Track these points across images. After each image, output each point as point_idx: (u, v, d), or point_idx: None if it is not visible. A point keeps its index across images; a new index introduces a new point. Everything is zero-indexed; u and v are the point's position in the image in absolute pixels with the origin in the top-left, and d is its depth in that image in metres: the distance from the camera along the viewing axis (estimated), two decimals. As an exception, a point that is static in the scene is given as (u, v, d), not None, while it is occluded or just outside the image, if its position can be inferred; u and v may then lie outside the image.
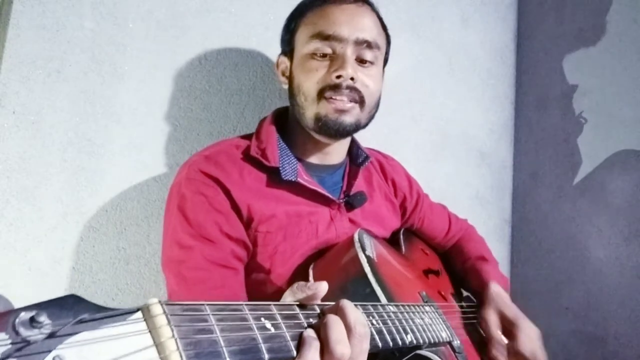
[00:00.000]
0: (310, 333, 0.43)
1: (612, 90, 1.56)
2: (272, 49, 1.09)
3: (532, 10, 1.83)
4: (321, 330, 0.44)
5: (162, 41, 0.96)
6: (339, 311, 0.46)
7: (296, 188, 0.82)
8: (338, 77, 0.79)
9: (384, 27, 0.89)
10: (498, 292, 0.91)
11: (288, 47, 0.87)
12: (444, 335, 0.69)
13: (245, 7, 1.07)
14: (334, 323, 0.44)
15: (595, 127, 1.59)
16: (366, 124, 0.86)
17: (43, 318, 0.26)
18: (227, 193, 0.76)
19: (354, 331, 0.45)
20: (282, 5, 1.11)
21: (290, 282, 0.78)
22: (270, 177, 0.81)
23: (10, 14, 0.79)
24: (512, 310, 0.87)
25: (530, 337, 0.84)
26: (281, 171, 0.80)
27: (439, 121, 1.52)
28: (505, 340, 0.86)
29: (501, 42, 1.78)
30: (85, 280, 0.86)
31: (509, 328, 0.86)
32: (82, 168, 0.86)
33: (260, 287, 0.80)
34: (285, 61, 0.88)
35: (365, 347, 0.46)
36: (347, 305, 0.47)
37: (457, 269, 1.07)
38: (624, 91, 1.53)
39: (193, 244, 0.73)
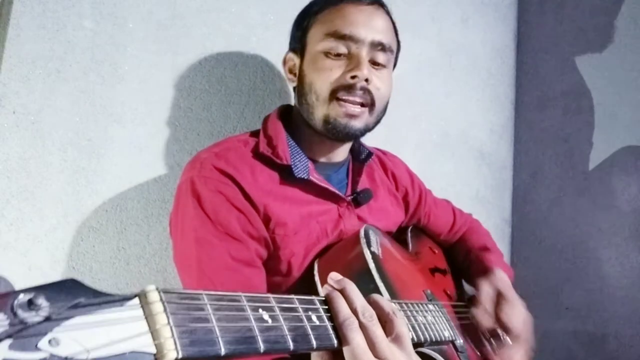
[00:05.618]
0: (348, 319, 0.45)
1: (612, 90, 1.56)
2: (272, 49, 1.09)
3: (532, 10, 1.83)
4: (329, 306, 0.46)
5: (162, 41, 0.96)
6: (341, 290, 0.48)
7: (307, 186, 0.81)
8: (353, 77, 0.78)
9: (396, 32, 0.88)
10: (502, 276, 0.89)
11: (299, 44, 0.85)
12: (447, 334, 0.69)
13: (245, 7, 1.07)
14: (337, 297, 0.47)
15: (595, 127, 1.59)
16: (373, 127, 0.86)
17: (41, 301, 0.27)
18: (243, 192, 0.75)
19: (355, 305, 0.47)
20: (282, 5, 1.11)
21: (301, 281, 0.78)
22: (282, 176, 0.80)
23: (10, 14, 0.79)
24: (512, 293, 0.86)
25: (520, 317, 0.83)
26: (293, 169, 0.79)
27: (439, 121, 1.52)
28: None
29: (501, 42, 1.78)
30: (85, 280, 0.85)
31: (503, 305, 0.84)
32: (82, 168, 0.86)
33: (276, 290, 0.79)
34: (293, 58, 0.86)
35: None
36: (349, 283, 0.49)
37: (460, 260, 1.06)
38: (624, 91, 1.53)
39: (217, 242, 0.72)
